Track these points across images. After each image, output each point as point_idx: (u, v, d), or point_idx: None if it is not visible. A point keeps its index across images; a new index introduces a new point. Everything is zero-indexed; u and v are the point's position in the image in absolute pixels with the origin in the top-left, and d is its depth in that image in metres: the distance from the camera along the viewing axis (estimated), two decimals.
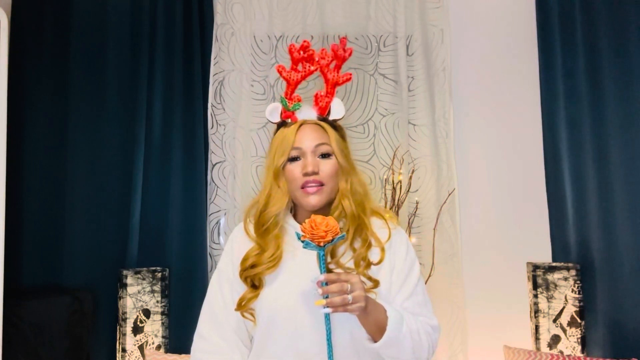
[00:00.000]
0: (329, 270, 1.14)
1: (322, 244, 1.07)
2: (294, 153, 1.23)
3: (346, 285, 1.05)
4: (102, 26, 2.26)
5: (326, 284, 1.06)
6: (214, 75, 2.29)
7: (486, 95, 2.37)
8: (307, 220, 1.09)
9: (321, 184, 1.21)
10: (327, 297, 1.04)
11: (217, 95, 2.30)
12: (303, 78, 1.30)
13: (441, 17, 2.32)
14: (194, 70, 2.27)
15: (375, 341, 1.12)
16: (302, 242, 1.08)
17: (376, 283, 1.19)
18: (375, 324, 1.11)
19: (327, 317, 1.10)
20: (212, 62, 2.29)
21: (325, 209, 1.24)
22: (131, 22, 2.28)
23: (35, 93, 2.18)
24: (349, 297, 1.04)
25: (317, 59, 1.30)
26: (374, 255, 1.21)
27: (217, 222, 2.26)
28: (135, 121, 2.22)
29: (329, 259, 1.18)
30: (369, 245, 1.21)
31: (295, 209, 1.31)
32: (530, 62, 2.32)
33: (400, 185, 2.19)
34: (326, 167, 1.23)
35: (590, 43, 2.16)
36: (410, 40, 2.32)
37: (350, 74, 1.31)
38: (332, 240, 1.07)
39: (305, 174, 1.21)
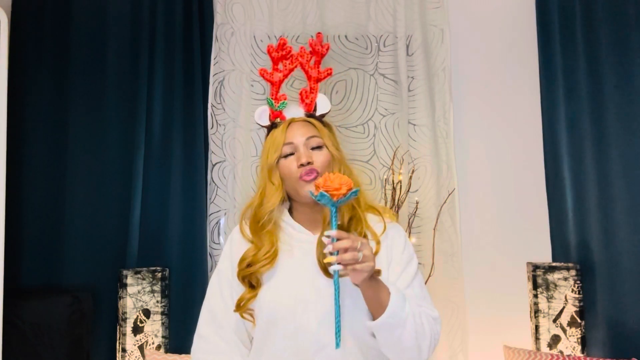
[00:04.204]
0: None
1: (336, 198, 1.06)
2: (286, 149, 1.25)
3: (357, 242, 1.05)
4: (102, 26, 2.27)
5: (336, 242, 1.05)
6: (214, 75, 2.29)
7: (486, 95, 2.36)
8: (322, 176, 1.10)
9: (317, 173, 1.22)
10: (337, 255, 1.04)
11: (217, 95, 2.30)
12: (285, 77, 1.34)
13: (441, 17, 2.32)
14: (194, 70, 2.27)
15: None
16: (315, 196, 1.07)
17: (378, 272, 1.16)
18: (378, 302, 1.10)
19: (336, 276, 1.06)
20: (212, 62, 2.29)
21: None
22: (131, 22, 2.28)
23: (35, 93, 2.18)
24: (359, 254, 1.04)
25: (295, 56, 1.33)
26: None
27: (217, 222, 2.26)
28: (135, 121, 2.22)
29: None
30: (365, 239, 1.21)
31: (291, 206, 1.31)
32: (530, 62, 2.32)
33: (400, 185, 2.19)
34: (319, 157, 1.24)
35: (590, 43, 2.16)
36: (410, 40, 2.32)
37: (331, 69, 1.35)
38: (347, 195, 1.06)
39: (301, 165, 1.22)
